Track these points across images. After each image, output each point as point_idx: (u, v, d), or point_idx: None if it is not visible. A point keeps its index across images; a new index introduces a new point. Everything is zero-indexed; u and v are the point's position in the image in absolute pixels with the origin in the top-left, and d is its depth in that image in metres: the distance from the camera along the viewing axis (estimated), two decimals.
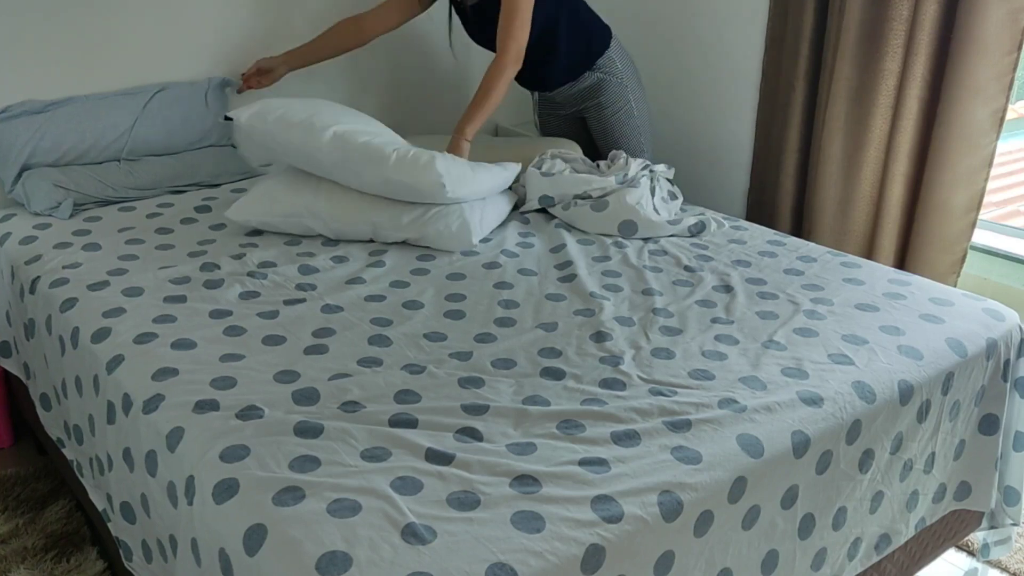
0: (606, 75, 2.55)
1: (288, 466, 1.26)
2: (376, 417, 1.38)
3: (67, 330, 1.74)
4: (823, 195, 2.58)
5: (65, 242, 2.08)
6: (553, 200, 2.29)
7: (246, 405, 1.40)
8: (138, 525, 1.51)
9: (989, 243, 2.56)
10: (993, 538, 1.96)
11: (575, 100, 2.63)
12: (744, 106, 2.89)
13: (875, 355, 1.62)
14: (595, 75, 2.55)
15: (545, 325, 1.71)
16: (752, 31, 2.80)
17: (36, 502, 2.15)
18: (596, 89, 2.57)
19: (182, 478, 1.31)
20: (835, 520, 1.52)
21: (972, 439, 1.79)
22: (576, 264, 1.99)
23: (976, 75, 2.23)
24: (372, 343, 1.62)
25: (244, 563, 1.15)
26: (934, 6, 2.26)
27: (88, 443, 1.70)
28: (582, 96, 2.61)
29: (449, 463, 1.27)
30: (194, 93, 2.56)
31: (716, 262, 2.03)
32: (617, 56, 2.56)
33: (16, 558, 1.95)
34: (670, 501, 1.23)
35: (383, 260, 2.00)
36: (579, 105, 2.64)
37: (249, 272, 1.91)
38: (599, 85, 2.56)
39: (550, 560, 1.11)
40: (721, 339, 1.67)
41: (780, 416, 1.42)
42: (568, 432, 1.36)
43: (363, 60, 2.94)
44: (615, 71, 2.55)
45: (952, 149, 2.31)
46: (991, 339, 1.73)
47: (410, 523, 1.14)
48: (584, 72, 2.55)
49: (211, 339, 1.62)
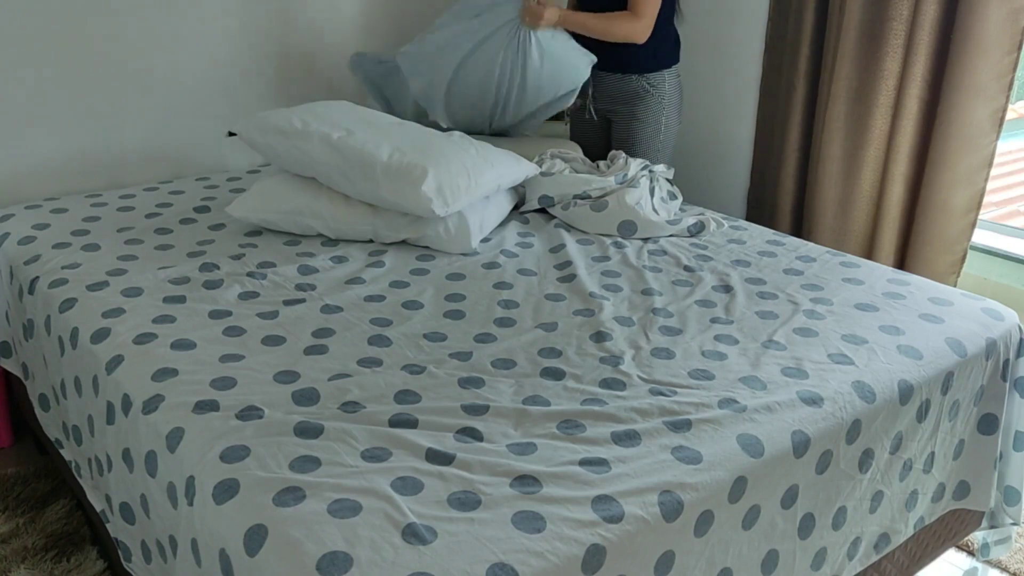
0: (652, 88, 2.54)
1: (288, 466, 1.25)
2: (376, 417, 1.38)
3: (66, 330, 1.74)
4: (823, 195, 2.58)
5: (64, 242, 2.08)
6: (553, 200, 2.28)
7: (246, 405, 1.40)
8: (137, 526, 1.50)
9: (989, 243, 2.56)
10: (993, 538, 1.96)
11: (612, 99, 2.61)
12: (744, 106, 2.89)
13: (875, 355, 1.62)
14: (642, 83, 2.54)
15: (545, 325, 1.71)
16: (752, 31, 2.80)
17: (36, 502, 2.15)
18: (635, 97, 2.56)
19: (182, 479, 1.31)
20: (835, 520, 1.53)
21: (971, 439, 1.79)
22: (576, 264, 1.99)
23: (976, 75, 2.23)
24: (372, 343, 1.62)
25: (244, 563, 1.15)
26: (934, 6, 2.26)
27: (87, 444, 1.70)
28: (620, 98, 2.59)
29: (449, 463, 1.27)
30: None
31: (716, 262, 2.03)
32: (670, 79, 2.56)
33: (16, 558, 1.95)
34: (670, 501, 1.23)
35: (383, 260, 2.00)
36: (613, 106, 2.62)
37: (249, 272, 1.91)
38: (640, 95, 2.55)
39: (551, 560, 1.11)
40: (721, 339, 1.67)
41: (780, 416, 1.42)
42: (568, 432, 1.36)
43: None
44: (662, 91, 2.55)
45: (952, 149, 2.31)
46: (990, 339, 1.73)
47: (411, 523, 1.14)
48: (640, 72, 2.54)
49: (211, 339, 1.62)
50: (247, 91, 2.75)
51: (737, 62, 2.87)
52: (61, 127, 2.46)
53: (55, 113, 2.44)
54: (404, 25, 3.06)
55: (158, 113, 2.61)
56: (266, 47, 2.75)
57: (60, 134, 2.47)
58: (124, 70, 2.52)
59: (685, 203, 2.46)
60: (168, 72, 2.59)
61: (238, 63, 2.71)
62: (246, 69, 2.73)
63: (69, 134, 2.48)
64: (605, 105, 2.64)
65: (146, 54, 2.54)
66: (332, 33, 2.90)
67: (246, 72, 2.74)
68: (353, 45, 2.95)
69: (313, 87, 2.90)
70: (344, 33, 2.92)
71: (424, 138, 2.15)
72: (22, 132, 2.41)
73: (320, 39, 2.87)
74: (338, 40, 2.92)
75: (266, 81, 2.79)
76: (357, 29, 2.95)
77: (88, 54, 2.45)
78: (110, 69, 2.49)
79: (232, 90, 2.72)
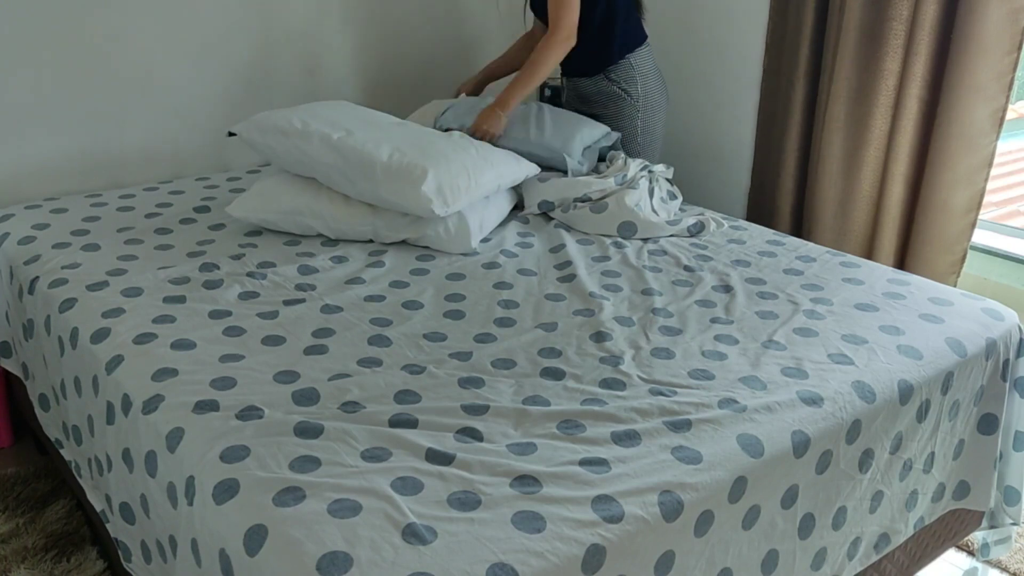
0: (622, 92, 2.51)
1: (288, 466, 1.25)
2: (376, 417, 1.38)
3: (66, 330, 1.74)
4: (823, 195, 2.58)
5: (64, 242, 2.08)
6: (553, 204, 2.28)
7: (246, 405, 1.40)
8: (137, 526, 1.50)
9: (989, 243, 2.56)
10: (993, 538, 1.96)
11: (590, 100, 2.60)
12: (744, 106, 2.89)
13: (875, 355, 1.62)
14: (613, 87, 2.51)
15: (545, 325, 1.71)
16: (752, 31, 2.80)
17: (36, 502, 2.15)
18: (607, 101, 2.54)
19: (182, 479, 1.31)
20: (835, 520, 1.53)
21: (971, 439, 1.79)
22: (576, 264, 1.99)
23: (976, 75, 2.23)
24: (372, 343, 1.62)
25: (244, 564, 1.15)
26: (934, 6, 2.26)
27: (87, 444, 1.70)
28: (594, 100, 2.58)
29: (449, 463, 1.27)
30: None
31: (715, 262, 2.03)
32: (640, 72, 2.51)
33: (16, 558, 1.95)
34: (670, 501, 1.23)
35: (383, 260, 2.00)
36: (591, 106, 2.61)
37: (248, 272, 1.91)
38: (612, 99, 2.53)
39: (551, 560, 1.11)
40: (721, 339, 1.67)
41: (780, 416, 1.42)
42: (568, 432, 1.36)
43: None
44: (633, 92, 2.51)
45: (952, 149, 2.31)
46: (990, 339, 1.73)
47: (411, 523, 1.14)
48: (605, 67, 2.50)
49: (211, 339, 1.62)
50: (248, 91, 2.75)
51: (737, 62, 2.87)
52: (61, 127, 2.46)
53: (55, 113, 2.44)
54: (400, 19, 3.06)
55: (158, 113, 2.61)
56: (267, 47, 2.75)
57: (60, 134, 2.47)
58: (125, 70, 2.52)
59: (685, 203, 2.46)
60: (169, 72, 2.59)
61: (239, 63, 2.71)
62: (247, 69, 2.73)
63: (69, 134, 2.48)
64: (583, 106, 2.63)
65: (147, 54, 2.54)
66: (333, 33, 2.90)
67: (247, 72, 2.74)
68: (352, 41, 2.95)
69: (314, 86, 2.90)
70: (344, 30, 2.92)
71: (424, 138, 2.14)
72: (22, 132, 2.41)
73: (320, 38, 2.87)
74: (339, 38, 2.92)
75: (267, 81, 2.78)
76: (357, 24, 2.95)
77: (88, 54, 2.45)
78: (111, 69, 2.49)
79: (232, 90, 2.72)
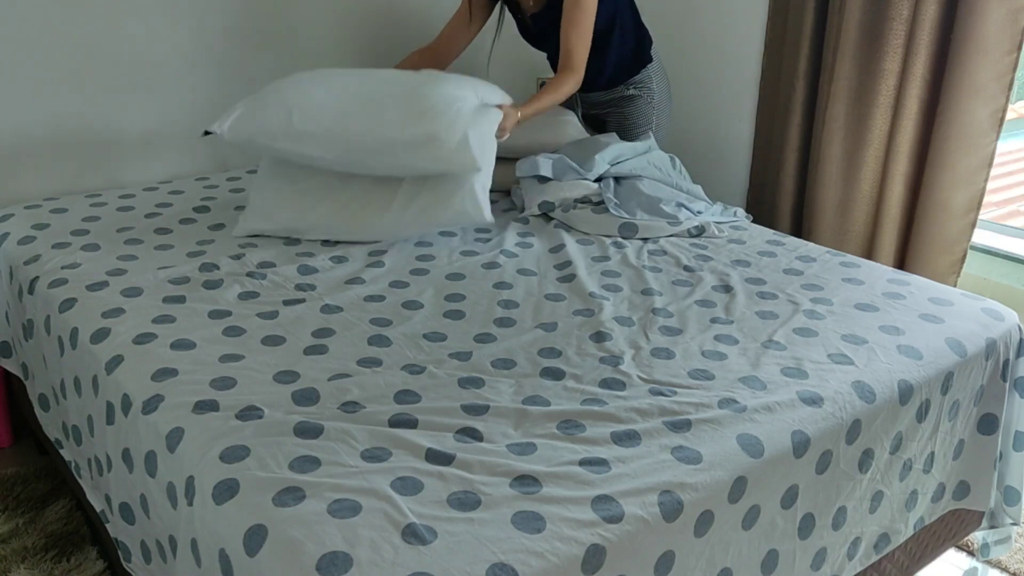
0: (640, 92, 2.56)
1: (288, 466, 1.25)
2: (376, 417, 1.38)
3: (66, 331, 1.74)
4: (823, 195, 2.59)
5: (64, 242, 2.08)
6: (553, 205, 2.29)
7: (246, 405, 1.40)
8: (137, 526, 1.50)
9: (989, 243, 2.57)
10: (993, 538, 1.96)
11: (603, 105, 2.64)
12: (744, 106, 2.89)
13: (875, 355, 1.62)
14: (630, 90, 2.56)
15: (545, 325, 1.71)
16: (752, 31, 2.80)
17: (36, 502, 2.15)
18: (626, 101, 2.58)
19: (182, 479, 1.31)
20: (835, 520, 1.53)
21: (971, 439, 1.79)
22: (575, 264, 1.99)
23: (976, 75, 2.23)
24: (372, 343, 1.62)
25: (244, 564, 1.14)
26: (934, 6, 2.26)
27: (87, 444, 1.70)
28: (611, 103, 2.61)
29: (449, 463, 1.27)
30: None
31: (715, 262, 2.03)
32: (655, 74, 2.57)
33: (16, 558, 1.95)
34: (670, 501, 1.23)
35: (383, 260, 2.00)
36: (604, 109, 2.64)
37: (248, 272, 1.91)
38: (630, 99, 2.57)
39: (551, 560, 1.11)
40: (721, 339, 1.67)
41: (780, 416, 1.42)
42: (568, 432, 1.36)
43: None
44: (650, 91, 2.56)
45: (952, 149, 2.31)
46: (990, 339, 1.73)
47: (411, 523, 1.14)
48: (627, 79, 2.55)
49: (210, 339, 1.62)
50: (248, 91, 2.75)
51: (737, 62, 2.87)
52: (61, 127, 2.46)
53: (55, 113, 2.44)
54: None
55: (158, 113, 2.61)
56: (267, 47, 2.75)
57: (60, 134, 2.46)
58: (125, 70, 2.52)
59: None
60: (169, 72, 2.59)
61: (239, 63, 2.71)
62: (247, 69, 2.73)
63: (69, 134, 2.48)
64: (595, 110, 2.67)
65: (147, 54, 2.54)
66: (332, 32, 2.90)
67: (247, 72, 2.74)
68: (352, 33, 2.95)
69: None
70: (344, 27, 2.92)
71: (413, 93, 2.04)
72: (22, 132, 2.41)
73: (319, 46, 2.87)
74: (339, 36, 2.92)
75: (267, 81, 2.78)
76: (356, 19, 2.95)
77: (89, 54, 2.45)
78: (111, 69, 2.49)
79: (233, 90, 2.72)
